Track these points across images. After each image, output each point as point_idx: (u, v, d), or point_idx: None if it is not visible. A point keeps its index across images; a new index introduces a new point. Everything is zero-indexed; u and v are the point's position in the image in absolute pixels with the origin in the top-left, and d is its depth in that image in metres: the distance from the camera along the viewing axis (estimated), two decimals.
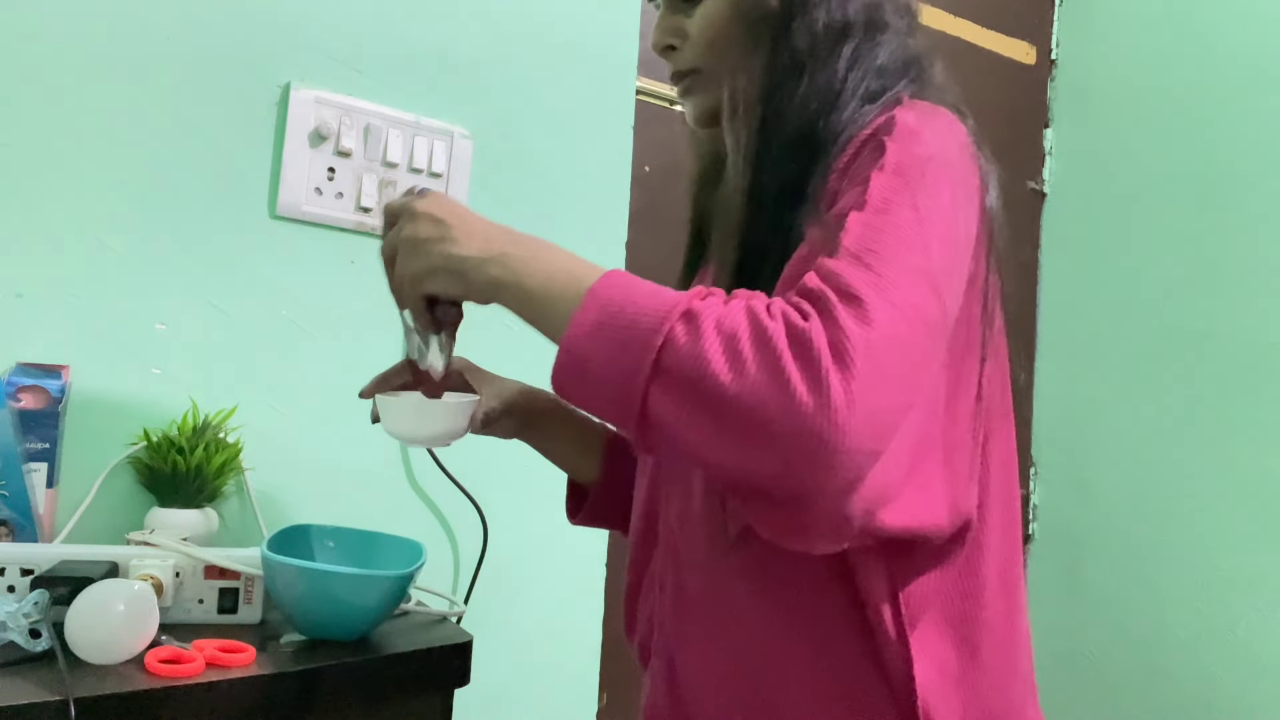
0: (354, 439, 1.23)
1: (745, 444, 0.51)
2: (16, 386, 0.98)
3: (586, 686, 1.42)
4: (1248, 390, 1.69)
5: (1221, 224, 1.76)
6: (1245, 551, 1.67)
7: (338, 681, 0.80)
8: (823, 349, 0.50)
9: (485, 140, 1.34)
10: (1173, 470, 1.78)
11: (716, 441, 0.52)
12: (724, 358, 0.51)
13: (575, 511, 0.97)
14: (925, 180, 0.61)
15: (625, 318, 0.54)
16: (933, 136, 0.64)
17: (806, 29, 0.71)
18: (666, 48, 0.79)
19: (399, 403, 0.81)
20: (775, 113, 0.69)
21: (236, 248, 1.17)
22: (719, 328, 0.52)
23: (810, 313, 0.52)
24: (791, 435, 0.50)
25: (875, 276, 0.54)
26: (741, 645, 0.69)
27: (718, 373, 0.51)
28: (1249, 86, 1.75)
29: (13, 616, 0.72)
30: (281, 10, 1.20)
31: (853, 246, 0.56)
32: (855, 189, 0.61)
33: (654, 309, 0.54)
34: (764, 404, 0.50)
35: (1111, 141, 1.99)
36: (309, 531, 0.96)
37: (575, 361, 0.55)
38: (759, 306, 0.53)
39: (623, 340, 0.54)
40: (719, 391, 0.51)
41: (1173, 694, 1.74)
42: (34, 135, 1.05)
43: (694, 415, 0.52)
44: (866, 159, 0.63)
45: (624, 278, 0.58)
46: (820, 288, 0.54)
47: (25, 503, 0.92)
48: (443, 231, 0.64)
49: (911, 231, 0.58)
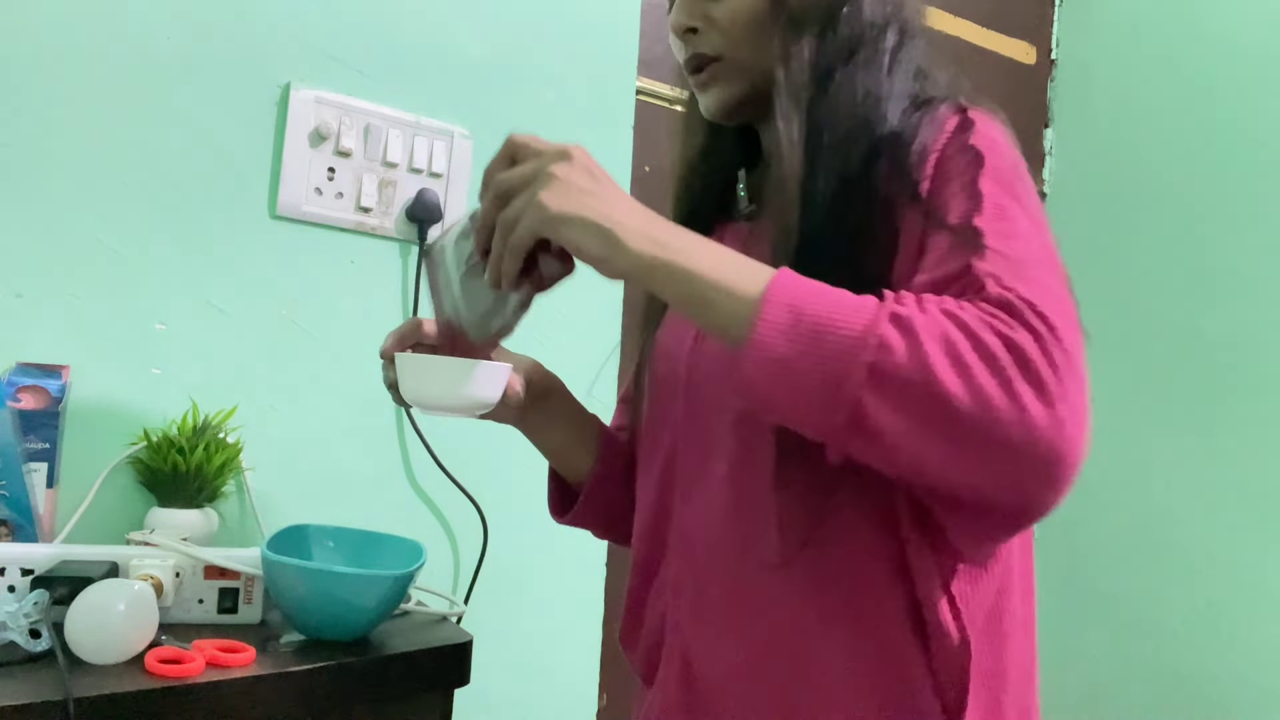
0: (354, 439, 1.23)
1: (980, 459, 0.51)
2: (16, 386, 0.98)
3: (586, 687, 1.42)
4: (1248, 390, 1.69)
5: (1221, 224, 1.76)
6: (1245, 551, 1.67)
7: (338, 681, 0.80)
8: (1041, 363, 0.50)
9: (485, 140, 1.34)
10: (1172, 469, 1.78)
11: (945, 454, 0.51)
12: (951, 369, 0.50)
13: (563, 509, 0.92)
14: (1024, 185, 0.63)
15: (824, 318, 0.52)
16: (1007, 143, 0.66)
17: (854, 18, 0.71)
18: (689, 30, 0.75)
19: (429, 362, 0.71)
20: (829, 103, 0.69)
21: (236, 248, 1.17)
22: (934, 335, 0.51)
23: (1013, 324, 0.51)
24: (1030, 450, 0.49)
25: (1041, 289, 0.53)
26: (775, 648, 0.68)
27: (947, 384, 0.49)
28: (1249, 86, 1.75)
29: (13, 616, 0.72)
30: (281, 10, 1.20)
31: (1003, 251, 0.56)
32: (965, 194, 0.61)
33: (855, 310, 0.53)
34: (1001, 419, 0.49)
35: (1111, 141, 1.99)
36: (309, 531, 0.96)
37: (772, 360, 0.53)
38: (965, 315, 0.52)
39: (827, 341, 0.52)
40: (951, 404, 0.50)
41: (1172, 693, 1.74)
42: (34, 135, 1.05)
43: (920, 426, 0.51)
44: (961, 162, 0.63)
45: (800, 276, 0.56)
46: (1003, 295, 0.53)
47: (25, 503, 0.92)
48: (598, 187, 0.60)
49: (1039, 241, 0.59)
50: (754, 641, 0.69)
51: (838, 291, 0.55)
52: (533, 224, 0.59)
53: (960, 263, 0.56)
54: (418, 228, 1.28)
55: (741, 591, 0.70)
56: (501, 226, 0.61)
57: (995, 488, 0.52)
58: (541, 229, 0.59)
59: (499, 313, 0.69)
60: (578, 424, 0.90)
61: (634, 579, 0.83)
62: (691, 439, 0.76)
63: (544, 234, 0.59)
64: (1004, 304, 0.52)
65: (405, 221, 1.28)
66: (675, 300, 0.58)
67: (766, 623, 0.68)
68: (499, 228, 0.61)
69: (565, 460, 0.91)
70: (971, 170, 0.62)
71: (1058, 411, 0.49)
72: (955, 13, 1.97)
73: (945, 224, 0.60)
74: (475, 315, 0.69)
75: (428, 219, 1.28)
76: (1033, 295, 0.52)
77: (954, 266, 0.57)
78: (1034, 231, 0.59)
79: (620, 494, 0.88)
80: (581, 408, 0.91)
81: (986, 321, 0.51)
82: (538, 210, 0.58)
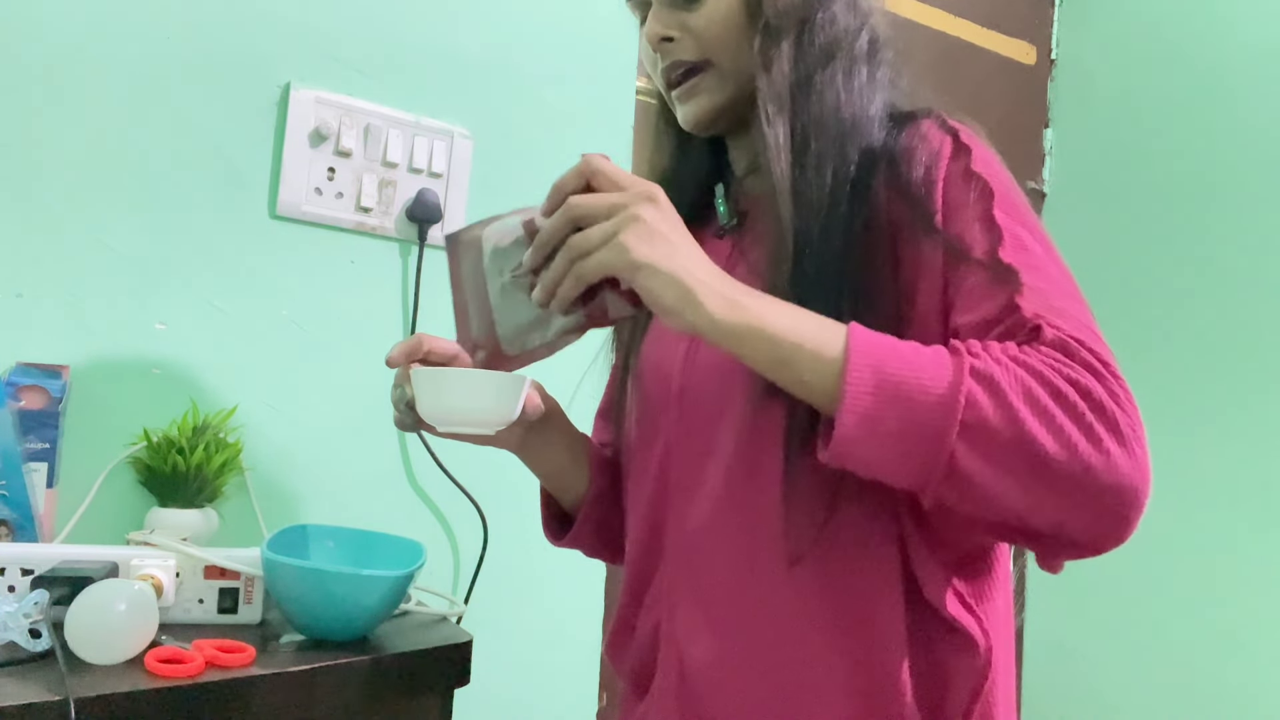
0: (354, 439, 1.23)
1: (1069, 500, 0.54)
2: (16, 386, 0.98)
3: (586, 686, 1.42)
4: (1248, 389, 1.69)
5: (1221, 223, 1.76)
6: (1245, 551, 1.67)
7: (338, 681, 0.80)
8: (1111, 405, 0.54)
9: (485, 140, 1.34)
10: (1172, 469, 1.78)
11: (1035, 498, 0.54)
12: (1036, 418, 0.53)
13: (559, 532, 0.92)
14: (1029, 210, 0.65)
15: (910, 378, 0.55)
16: (1000, 164, 0.68)
17: (828, 24, 0.71)
18: (664, 39, 0.76)
19: (449, 374, 0.67)
20: (813, 109, 0.69)
21: (236, 248, 1.17)
22: (1014, 387, 0.54)
23: (1076, 367, 0.55)
24: (1113, 492, 0.53)
25: (1080, 325, 0.58)
26: (777, 656, 0.68)
27: (1035, 433, 0.53)
28: (1249, 86, 1.75)
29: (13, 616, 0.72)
30: (281, 10, 1.20)
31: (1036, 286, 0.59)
32: (982, 227, 0.63)
33: (937, 367, 0.55)
34: (1087, 464, 0.53)
35: (1111, 141, 1.99)
36: (309, 531, 0.96)
37: (864, 420, 0.55)
38: (1034, 362, 0.55)
39: (917, 401, 0.54)
40: (1041, 450, 0.53)
41: (1171, 693, 1.74)
42: (34, 135, 1.05)
43: (1010, 473, 0.54)
44: (969, 192, 0.65)
45: (871, 332, 0.58)
46: (1058, 337, 0.56)
47: (25, 503, 0.92)
48: (679, 238, 0.59)
49: (1057, 268, 0.63)
50: (756, 649, 0.69)
51: (911, 346, 0.57)
52: (611, 261, 0.58)
53: (1003, 300, 0.59)
54: (418, 228, 1.28)
55: (744, 598, 0.70)
56: (570, 250, 0.60)
57: (1078, 524, 0.55)
58: (620, 270, 0.58)
59: (538, 330, 0.67)
60: (574, 445, 0.89)
61: (627, 589, 0.83)
62: (686, 449, 0.76)
63: (621, 275, 0.59)
64: (1061, 346, 0.56)
65: (405, 221, 1.28)
66: (754, 362, 0.59)
67: (770, 630, 0.68)
68: (567, 250, 0.60)
69: (561, 482, 0.90)
70: (983, 202, 0.64)
71: (1134, 451, 0.54)
72: (955, 13, 1.97)
73: (973, 259, 0.62)
74: (510, 327, 0.66)
75: (428, 219, 1.28)
76: (1079, 333, 0.57)
77: (998, 305, 0.60)
78: (1050, 259, 0.63)
79: (614, 512, 0.88)
80: (575, 428, 0.90)
81: (1054, 367, 0.55)
82: (619, 251, 0.58)
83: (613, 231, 0.58)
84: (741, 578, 0.70)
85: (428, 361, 0.75)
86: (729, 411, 0.71)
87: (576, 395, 0.92)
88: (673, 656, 0.74)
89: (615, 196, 0.60)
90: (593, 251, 0.59)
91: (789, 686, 0.67)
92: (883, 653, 0.65)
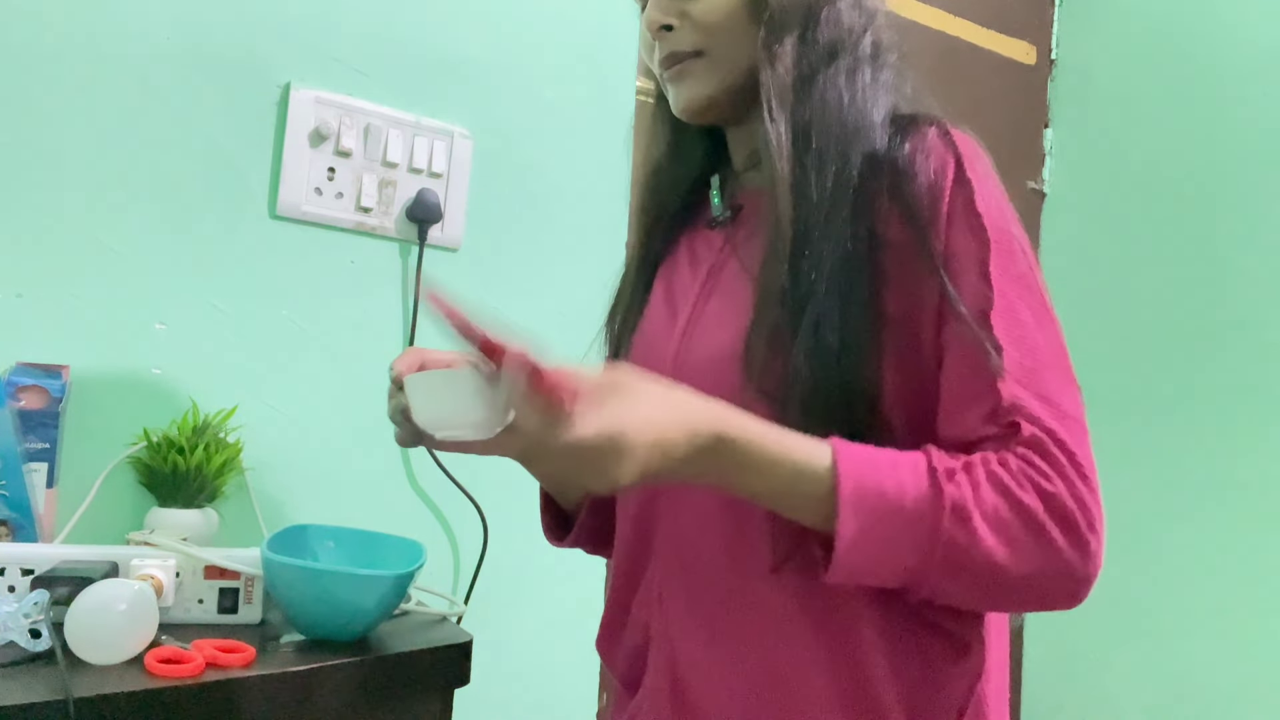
0: (354, 439, 1.23)
1: (1026, 602, 0.63)
2: (16, 386, 0.98)
3: (586, 686, 1.42)
4: (1248, 389, 1.69)
5: (1221, 223, 1.76)
6: (1245, 551, 1.67)
7: (338, 681, 0.80)
8: (1077, 514, 0.60)
9: (485, 140, 1.34)
10: (1172, 468, 1.78)
11: (1002, 604, 0.65)
12: (1004, 549, 0.59)
13: (560, 533, 0.91)
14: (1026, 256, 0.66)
15: (891, 518, 0.59)
16: (1001, 194, 0.68)
17: (833, 22, 0.71)
18: (663, 27, 0.74)
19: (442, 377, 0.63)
20: (815, 107, 0.69)
21: (236, 248, 1.17)
22: (987, 519, 0.59)
23: (1050, 474, 0.60)
24: (1069, 587, 0.61)
25: (1058, 412, 0.62)
26: (765, 656, 0.68)
27: (1003, 565, 0.59)
28: (1249, 86, 1.74)
29: (13, 616, 0.72)
30: (281, 10, 1.20)
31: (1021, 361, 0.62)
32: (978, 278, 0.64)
33: (917, 502, 0.59)
34: (1044, 576, 0.60)
35: (1111, 141, 1.99)
36: (309, 531, 0.96)
37: (848, 567, 0.60)
38: (1008, 480, 0.60)
39: (898, 540, 0.60)
40: (1004, 578, 0.60)
41: (1172, 693, 1.74)
42: (34, 135, 1.05)
43: (979, 591, 0.62)
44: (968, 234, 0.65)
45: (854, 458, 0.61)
46: (1035, 436, 0.60)
47: (25, 503, 0.92)
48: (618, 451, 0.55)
49: (1045, 333, 0.64)
50: (746, 648, 0.69)
51: (895, 481, 0.60)
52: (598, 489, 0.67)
53: (987, 383, 0.62)
54: (418, 228, 1.28)
55: (733, 597, 0.70)
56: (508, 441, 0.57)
57: (1034, 607, 0.64)
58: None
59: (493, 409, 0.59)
60: None
61: (617, 585, 0.82)
62: None
63: None
64: (1035, 445, 0.60)
65: (405, 221, 1.28)
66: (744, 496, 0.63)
67: (759, 629, 0.68)
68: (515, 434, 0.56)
69: (563, 485, 0.89)
70: (980, 250, 0.65)
71: (1089, 548, 0.60)
72: (955, 13, 1.97)
73: (965, 319, 0.63)
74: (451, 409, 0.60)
75: (428, 219, 1.28)
76: (1054, 421, 0.61)
77: (982, 385, 0.63)
78: (1039, 324, 0.64)
79: (614, 511, 0.87)
80: None
81: (1028, 477, 0.60)
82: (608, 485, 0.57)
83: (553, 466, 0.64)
84: (731, 577, 0.70)
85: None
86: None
87: None
88: (663, 654, 0.74)
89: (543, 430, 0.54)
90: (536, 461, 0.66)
91: (778, 685, 0.67)
92: (869, 655, 0.65)
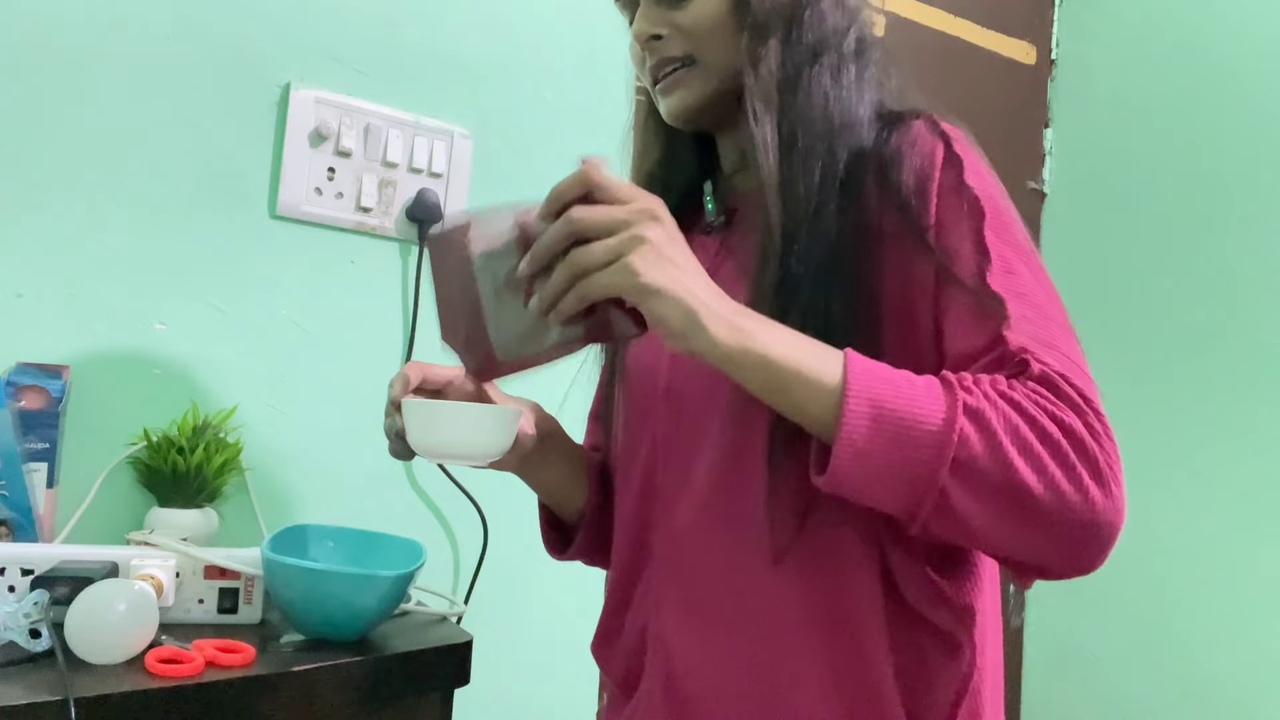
0: (354, 439, 1.23)
1: (1048, 537, 0.56)
2: (16, 386, 0.98)
3: (586, 686, 1.42)
4: (1249, 389, 1.69)
5: (1221, 223, 1.76)
6: (1246, 550, 1.67)
7: (338, 681, 0.80)
8: (1092, 445, 0.56)
9: (485, 140, 1.34)
10: (1173, 468, 1.78)
11: (1018, 533, 0.57)
12: (1022, 459, 0.55)
13: (561, 546, 0.92)
14: (1018, 226, 0.66)
15: (904, 412, 0.56)
16: (991, 175, 0.68)
17: (816, 22, 0.71)
18: (653, 37, 0.75)
19: (438, 408, 0.67)
20: (800, 107, 0.69)
21: (236, 248, 1.17)
22: (1004, 427, 0.55)
23: (1061, 405, 0.57)
24: (1093, 530, 0.56)
25: (1064, 357, 0.59)
26: (764, 654, 0.68)
27: (1023, 475, 0.55)
28: (1248, 86, 1.74)
29: (13, 616, 0.72)
30: (281, 10, 1.20)
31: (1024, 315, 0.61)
32: (972, 247, 0.63)
33: (931, 401, 0.56)
34: (1069, 505, 0.55)
35: (1111, 141, 1.99)
36: (309, 531, 0.96)
37: (860, 455, 0.56)
38: (1023, 400, 0.57)
39: (910, 437, 0.56)
40: (1026, 493, 0.55)
41: (1173, 693, 1.74)
42: (34, 135, 1.05)
43: (998, 511, 0.56)
44: (960, 208, 0.65)
45: (867, 361, 0.59)
46: (1044, 372, 0.58)
47: (25, 503, 0.92)
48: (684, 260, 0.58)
49: (1044, 292, 0.63)
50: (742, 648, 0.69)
51: (906, 377, 0.58)
52: (618, 284, 0.57)
53: (991, 331, 0.61)
54: (418, 228, 1.28)
55: (731, 598, 0.70)
56: (572, 266, 0.58)
57: (1054, 557, 0.58)
58: (628, 293, 0.57)
59: (533, 339, 0.64)
60: (574, 462, 0.89)
61: (613, 588, 0.82)
62: (673, 448, 0.76)
63: (627, 297, 0.58)
64: (1046, 381, 0.58)
65: (405, 221, 1.28)
66: (752, 385, 0.59)
67: (756, 629, 0.68)
68: (569, 266, 0.58)
69: (561, 497, 0.90)
70: (974, 220, 0.64)
71: (1112, 490, 0.56)
72: (955, 13, 1.97)
73: (961, 282, 0.63)
74: (504, 333, 0.64)
75: (428, 219, 1.28)
76: (1063, 367, 0.58)
77: (985, 336, 0.61)
78: (1038, 283, 0.64)
79: (613, 523, 0.87)
80: (574, 444, 0.90)
81: (1041, 405, 0.56)
82: (627, 274, 0.56)
83: (619, 252, 0.57)
84: (728, 577, 0.70)
85: (420, 390, 0.75)
86: (715, 410, 0.71)
87: (569, 397, 0.92)
88: (660, 656, 0.74)
89: (619, 212, 0.58)
90: (596, 270, 0.57)
91: (775, 686, 0.67)
92: (866, 652, 0.65)
